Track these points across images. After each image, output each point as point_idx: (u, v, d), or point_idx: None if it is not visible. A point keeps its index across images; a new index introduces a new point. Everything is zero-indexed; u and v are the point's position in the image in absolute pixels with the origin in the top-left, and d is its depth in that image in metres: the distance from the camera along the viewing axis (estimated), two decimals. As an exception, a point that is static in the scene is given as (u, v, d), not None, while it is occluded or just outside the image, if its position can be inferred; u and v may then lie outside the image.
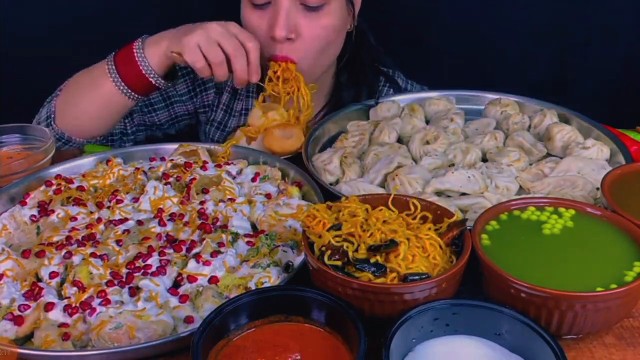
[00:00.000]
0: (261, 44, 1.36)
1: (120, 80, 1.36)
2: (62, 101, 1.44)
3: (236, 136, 1.37)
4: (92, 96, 1.40)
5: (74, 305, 0.91)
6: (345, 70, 1.60)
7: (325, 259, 0.87)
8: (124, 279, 0.96)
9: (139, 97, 1.41)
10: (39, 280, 0.98)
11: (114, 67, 1.37)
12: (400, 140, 1.35)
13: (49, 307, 0.90)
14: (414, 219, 0.94)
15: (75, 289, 0.94)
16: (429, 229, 0.91)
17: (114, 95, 1.38)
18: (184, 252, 1.01)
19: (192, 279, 0.95)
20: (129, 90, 1.38)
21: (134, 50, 1.36)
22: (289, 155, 1.29)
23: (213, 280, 0.95)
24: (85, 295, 0.92)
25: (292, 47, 1.38)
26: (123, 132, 1.56)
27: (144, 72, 1.35)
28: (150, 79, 1.37)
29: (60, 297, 0.94)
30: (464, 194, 1.13)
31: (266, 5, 1.36)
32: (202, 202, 1.12)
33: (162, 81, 1.39)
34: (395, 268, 0.85)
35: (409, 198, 0.97)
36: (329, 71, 1.56)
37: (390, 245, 0.86)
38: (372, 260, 0.86)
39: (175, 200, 1.13)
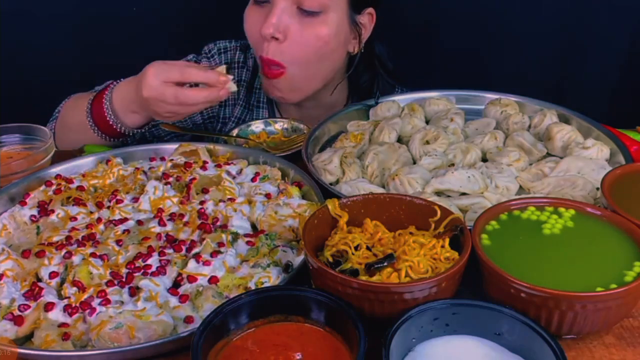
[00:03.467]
0: (255, 43, 1.42)
1: (102, 133, 1.42)
2: (58, 130, 1.51)
3: None
4: (82, 137, 1.43)
5: (74, 305, 0.91)
6: (357, 94, 1.61)
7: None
8: (124, 279, 0.96)
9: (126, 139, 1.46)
10: (39, 280, 0.98)
11: (93, 123, 1.41)
12: (400, 140, 1.35)
13: (49, 307, 0.90)
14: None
15: (75, 289, 0.94)
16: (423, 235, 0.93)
17: (101, 140, 1.43)
18: (183, 252, 1.01)
19: (192, 279, 0.95)
20: (113, 140, 1.44)
21: (106, 114, 1.39)
22: None
23: (213, 280, 0.95)
24: (85, 295, 0.92)
25: (279, 49, 1.38)
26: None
27: (119, 131, 1.41)
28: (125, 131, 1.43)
29: (60, 297, 0.94)
30: (464, 194, 1.13)
31: (266, 3, 1.38)
32: (202, 202, 1.12)
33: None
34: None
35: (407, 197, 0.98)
36: (327, 90, 1.55)
37: (385, 260, 0.88)
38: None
39: (175, 200, 1.13)
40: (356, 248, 0.91)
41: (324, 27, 1.38)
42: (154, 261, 0.99)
